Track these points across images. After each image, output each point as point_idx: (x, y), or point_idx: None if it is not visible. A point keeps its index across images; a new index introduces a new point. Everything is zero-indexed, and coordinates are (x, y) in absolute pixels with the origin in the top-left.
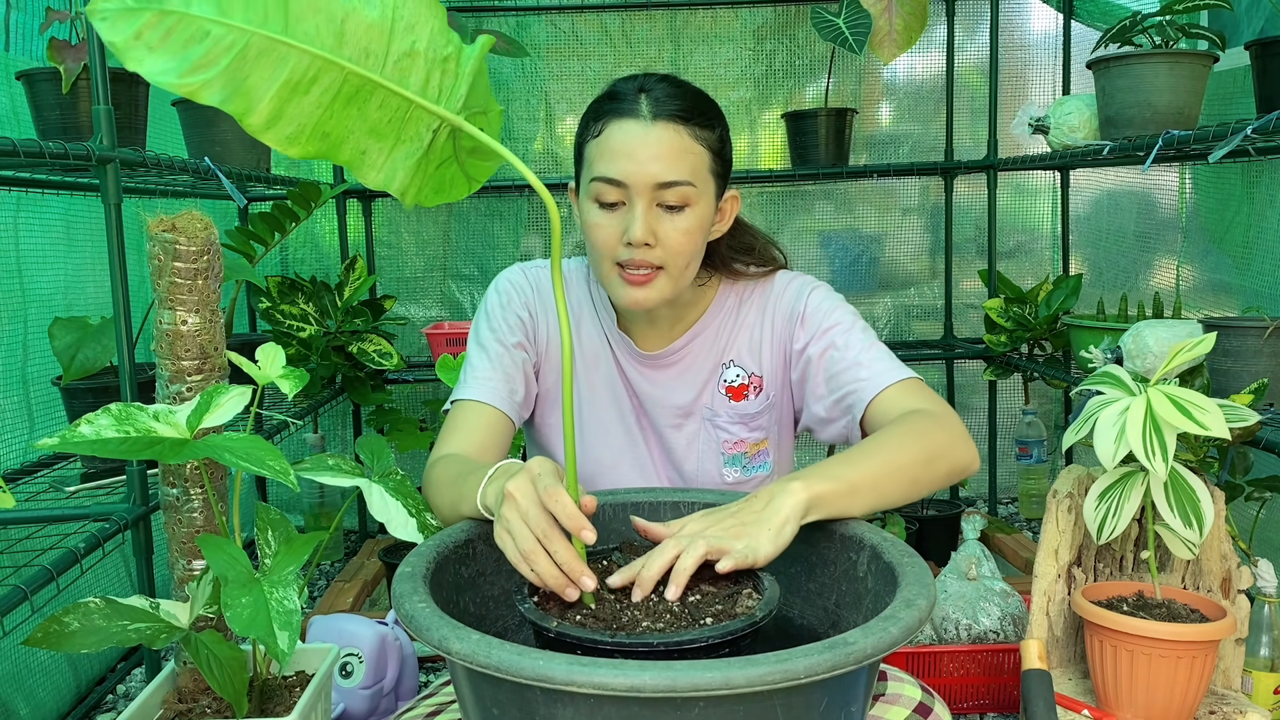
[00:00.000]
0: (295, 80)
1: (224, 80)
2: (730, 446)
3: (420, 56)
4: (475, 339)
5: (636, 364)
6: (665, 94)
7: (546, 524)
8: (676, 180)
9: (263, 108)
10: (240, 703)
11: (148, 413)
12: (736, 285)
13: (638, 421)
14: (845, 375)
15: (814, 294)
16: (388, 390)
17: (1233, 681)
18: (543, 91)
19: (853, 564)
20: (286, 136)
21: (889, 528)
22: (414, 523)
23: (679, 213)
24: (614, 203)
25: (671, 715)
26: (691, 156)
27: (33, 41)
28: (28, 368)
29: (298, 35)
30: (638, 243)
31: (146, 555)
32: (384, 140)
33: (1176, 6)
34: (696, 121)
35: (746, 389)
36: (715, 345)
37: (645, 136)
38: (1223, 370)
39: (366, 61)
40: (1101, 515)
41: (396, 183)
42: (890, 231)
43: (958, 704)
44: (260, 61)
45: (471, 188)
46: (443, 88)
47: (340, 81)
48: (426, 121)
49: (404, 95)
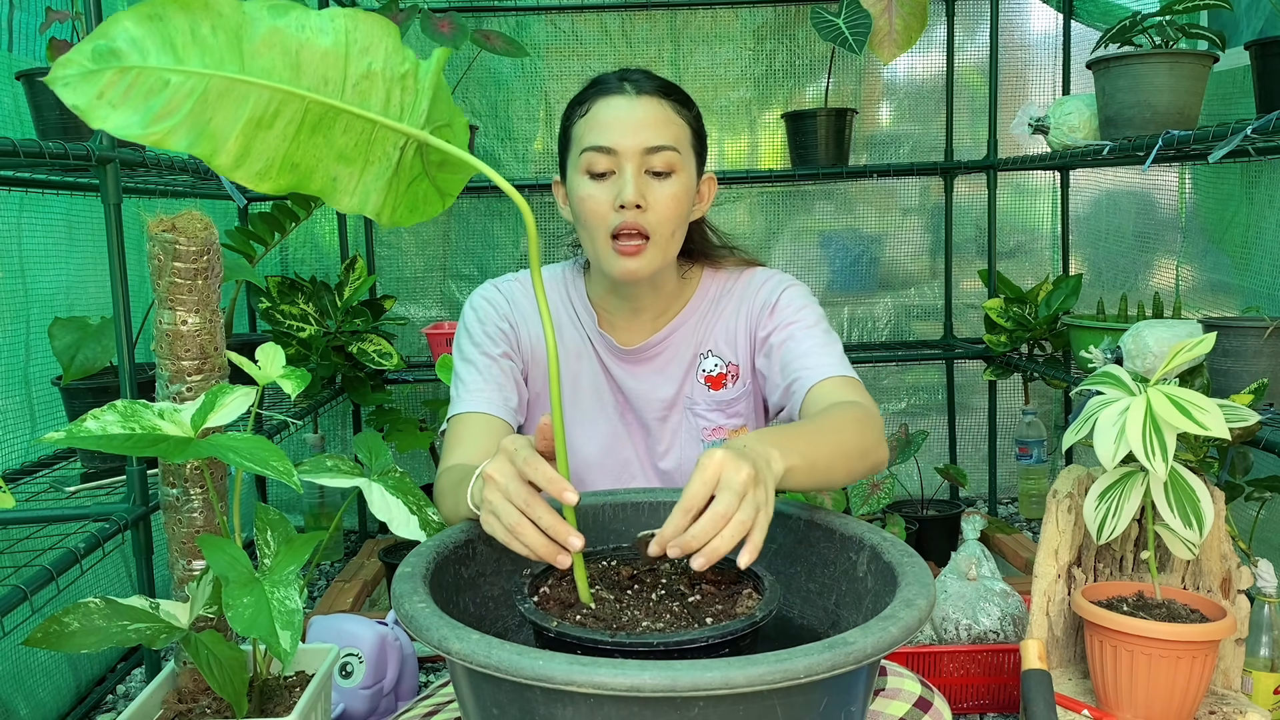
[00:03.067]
0: (258, 116)
1: (188, 125)
2: (709, 433)
3: (378, 77)
4: (460, 356)
5: (618, 360)
6: (645, 77)
7: (528, 494)
8: (663, 145)
9: (229, 147)
10: (240, 703)
11: (153, 410)
12: (718, 276)
13: (622, 417)
14: (795, 364)
15: (789, 290)
16: (388, 390)
17: (1233, 681)
18: (542, 91)
19: (852, 564)
20: (256, 173)
21: (889, 528)
22: (415, 520)
23: (666, 179)
24: (604, 172)
25: (671, 715)
26: (674, 127)
27: (35, 41)
28: (30, 368)
29: (254, 71)
30: (629, 204)
31: (146, 555)
32: (353, 164)
33: (1176, 6)
34: (675, 98)
35: (724, 378)
36: (694, 337)
37: (632, 108)
38: (1223, 370)
39: (326, 89)
40: (1101, 515)
41: (370, 205)
42: (890, 231)
43: (958, 704)
44: (221, 102)
45: (446, 202)
46: (404, 105)
47: (303, 112)
48: (393, 140)
49: (367, 117)
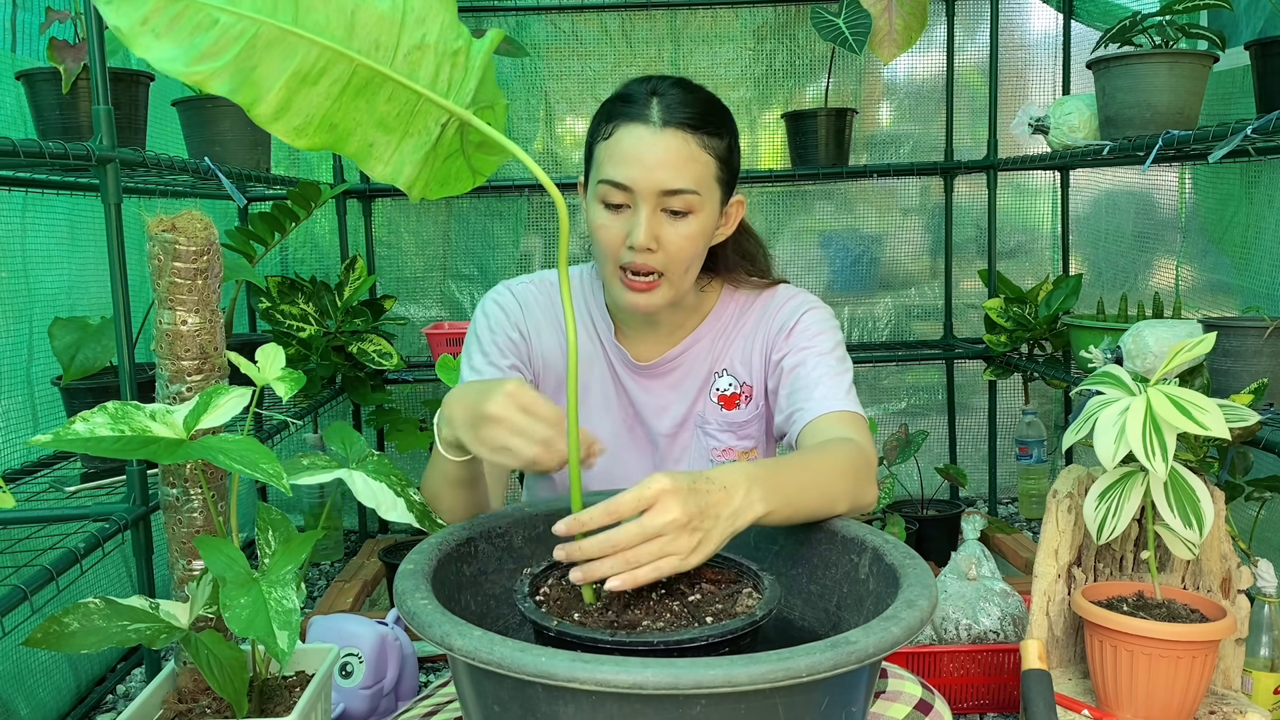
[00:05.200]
0: (304, 71)
1: (232, 70)
2: (719, 454)
3: (431, 50)
4: (468, 363)
5: (632, 374)
6: (676, 100)
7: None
8: (681, 189)
9: (271, 98)
10: (240, 703)
11: (144, 412)
12: (737, 295)
13: (630, 431)
14: (800, 394)
15: (810, 313)
16: (388, 390)
17: (1233, 681)
18: (542, 91)
19: (854, 566)
20: (294, 128)
21: (889, 527)
22: (401, 501)
23: (682, 219)
24: (619, 204)
25: (673, 713)
26: (698, 165)
27: (38, 41)
28: (33, 368)
29: (308, 26)
30: (640, 248)
31: (146, 555)
32: (392, 133)
33: (1176, 6)
34: (705, 130)
35: (738, 398)
36: (710, 354)
37: (654, 143)
38: (1223, 370)
39: (376, 54)
40: (1101, 515)
41: (404, 176)
42: (890, 231)
43: (958, 704)
44: (269, 52)
45: (476, 181)
46: (452, 81)
47: (350, 73)
48: (435, 115)
49: (413, 89)
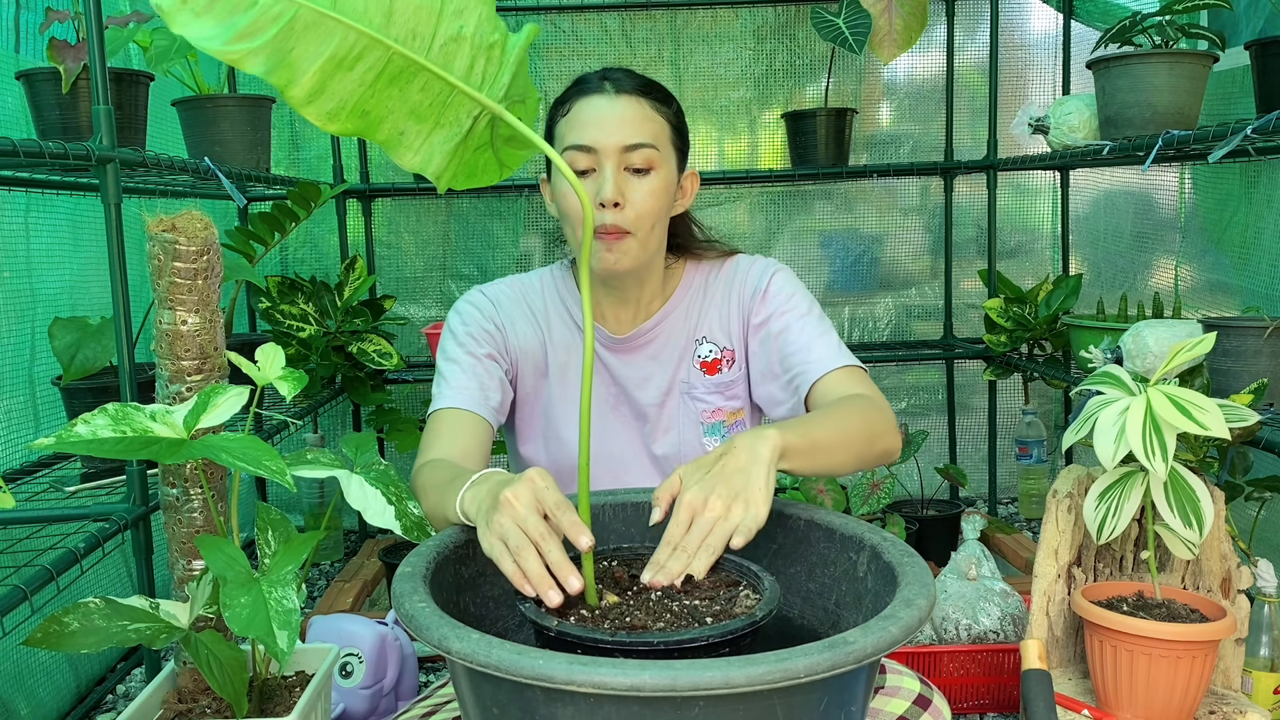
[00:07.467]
0: (340, 56)
1: (269, 51)
2: (709, 415)
3: (467, 42)
4: (444, 356)
5: (610, 350)
6: (625, 75)
7: (546, 530)
8: (641, 142)
9: (305, 81)
10: (240, 703)
11: (145, 412)
12: (701, 266)
13: (614, 410)
14: (796, 358)
15: (777, 275)
16: (387, 390)
17: (1233, 681)
18: (543, 91)
19: (853, 564)
20: (327, 112)
21: (889, 528)
22: (392, 510)
23: (645, 175)
24: (585, 170)
25: (671, 714)
26: (653, 124)
27: (40, 41)
28: (34, 368)
29: (346, 11)
30: (608, 202)
31: (146, 555)
32: (423, 123)
33: (1176, 6)
34: (655, 96)
35: (720, 363)
36: (686, 324)
37: (611, 107)
38: (1223, 370)
39: (413, 43)
40: (1101, 515)
41: (433, 166)
42: (890, 231)
43: (958, 704)
44: (307, 35)
45: (504, 174)
46: (486, 74)
47: (385, 61)
48: (467, 108)
49: (448, 80)
